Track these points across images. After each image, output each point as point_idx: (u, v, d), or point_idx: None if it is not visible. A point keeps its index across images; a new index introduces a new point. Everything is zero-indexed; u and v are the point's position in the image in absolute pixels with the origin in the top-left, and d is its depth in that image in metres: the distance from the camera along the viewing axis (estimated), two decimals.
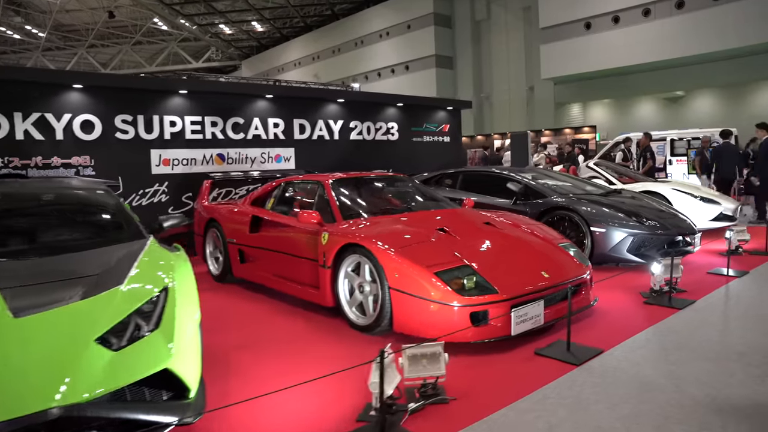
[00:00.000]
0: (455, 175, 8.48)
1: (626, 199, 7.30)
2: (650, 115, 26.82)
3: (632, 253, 6.44)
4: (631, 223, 6.47)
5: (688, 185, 9.51)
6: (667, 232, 6.56)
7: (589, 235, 6.58)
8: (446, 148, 11.87)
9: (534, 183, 7.44)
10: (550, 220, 6.95)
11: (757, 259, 7.14)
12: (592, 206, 6.72)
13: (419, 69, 30.44)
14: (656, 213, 6.90)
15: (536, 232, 5.12)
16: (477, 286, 4.07)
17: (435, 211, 5.60)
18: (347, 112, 10.37)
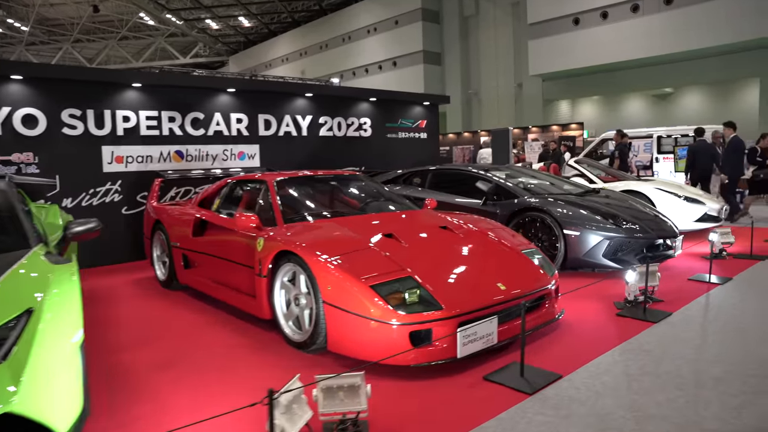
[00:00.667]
0: (425, 173, 7.97)
1: (605, 200, 6.80)
2: (639, 112, 26.39)
3: (608, 258, 5.95)
4: (607, 225, 5.98)
5: (672, 184, 9.04)
6: (647, 235, 6.07)
7: (562, 238, 6.08)
8: (423, 145, 11.36)
9: (505, 182, 6.93)
10: (522, 222, 6.45)
11: (742, 263, 6.66)
12: (567, 207, 6.22)
13: (407, 65, 29.91)
14: (636, 214, 6.41)
15: (498, 238, 4.61)
16: (421, 300, 3.56)
17: (387, 213, 5.10)
18: (316, 107, 9.84)
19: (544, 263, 4.45)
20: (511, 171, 7.98)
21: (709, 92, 24.39)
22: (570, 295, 4.88)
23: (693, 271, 6.21)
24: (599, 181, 9.10)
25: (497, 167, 8.07)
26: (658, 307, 4.87)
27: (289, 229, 4.51)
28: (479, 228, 4.74)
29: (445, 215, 5.09)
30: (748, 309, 4.79)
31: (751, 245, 7.06)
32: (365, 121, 10.44)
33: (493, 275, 4.00)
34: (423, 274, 3.74)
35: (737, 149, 10.50)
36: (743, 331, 4.18)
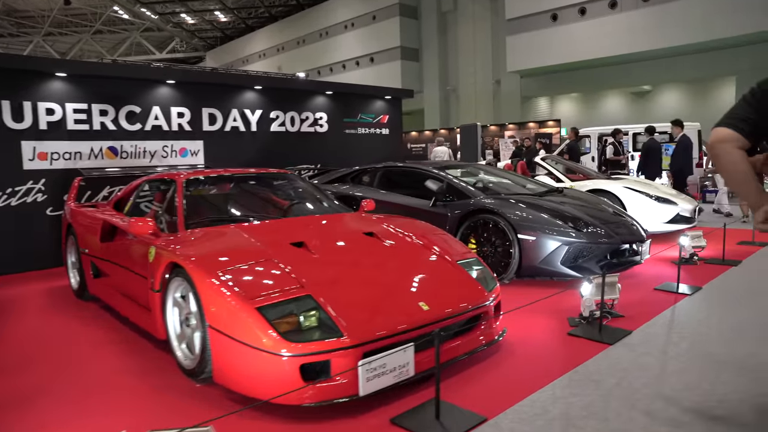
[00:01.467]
0: (374, 171, 7.32)
1: (567, 201, 6.20)
2: (617, 110, 25.97)
3: (567, 266, 5.34)
4: (566, 229, 5.37)
5: (643, 183, 8.48)
6: (610, 240, 5.47)
7: (516, 243, 5.46)
8: (385, 141, 10.71)
9: (457, 181, 6.30)
10: (473, 225, 5.83)
11: (713, 269, 6.09)
12: (523, 209, 5.60)
13: (384, 61, 29.24)
14: (599, 217, 5.81)
15: (432, 246, 3.97)
16: (320, 325, 2.92)
17: (306, 218, 4.45)
18: (267, 100, 9.15)
19: (483, 275, 3.83)
20: (470, 169, 7.37)
21: (686, 90, 24.01)
22: (521, 309, 4.26)
23: (660, 279, 5.63)
24: (567, 180, 8.51)
25: (456, 165, 7.44)
26: (618, 323, 4.27)
27: (187, 236, 3.84)
28: (412, 234, 4.10)
29: (376, 219, 4.45)
30: (716, 326, 4.20)
31: (723, 249, 6.50)
32: (321, 116, 9.77)
33: (416, 292, 3.36)
34: (326, 293, 3.09)
35: (686, 147, 10.22)
36: (710, 357, 3.58)
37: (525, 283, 5.57)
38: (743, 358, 3.52)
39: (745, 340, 3.87)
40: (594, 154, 15.09)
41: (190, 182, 4.57)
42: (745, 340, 3.87)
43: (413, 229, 4.23)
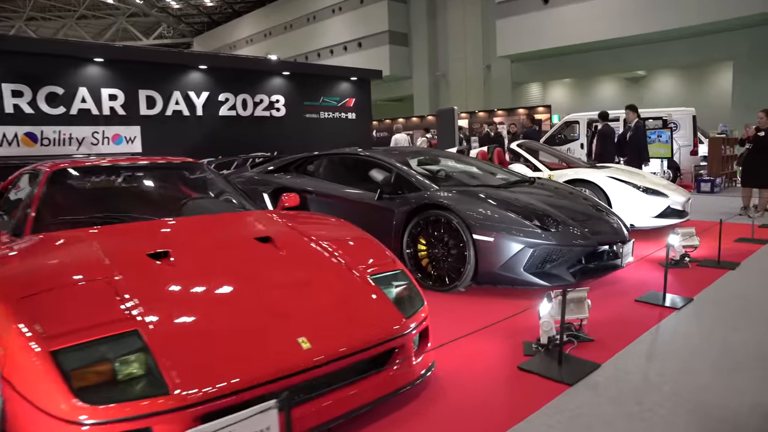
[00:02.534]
0: (320, 159, 6.37)
1: (538, 193, 5.26)
2: (611, 96, 24.95)
3: (532, 272, 4.41)
4: (531, 228, 4.43)
5: (630, 173, 7.53)
6: (586, 241, 4.54)
7: (471, 245, 4.53)
8: (352, 126, 9.74)
9: (407, 170, 5.34)
10: (423, 222, 4.89)
11: (707, 273, 5.17)
12: (480, 204, 4.66)
13: (372, 46, 28.18)
14: (574, 213, 4.88)
15: (343, 254, 3.03)
16: (147, 374, 2.02)
17: (183, 220, 3.49)
18: (215, 82, 8.18)
19: (407, 294, 2.90)
20: (432, 157, 6.42)
21: (682, 75, 23.01)
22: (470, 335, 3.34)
23: (644, 287, 4.71)
24: (545, 169, 7.57)
25: (416, 151, 6.51)
26: (585, 351, 3.36)
27: (18, 243, 2.91)
28: (321, 239, 3.16)
29: (282, 220, 3.51)
30: (709, 358, 3.28)
31: (719, 249, 5.56)
32: (278, 99, 8.80)
33: (298, 323, 2.44)
34: (165, 327, 2.18)
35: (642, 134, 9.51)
36: (700, 410, 2.66)
37: (481, 295, 4.64)
38: (744, 412, 2.61)
39: (746, 379, 2.96)
40: (583, 140, 14.12)
41: (58, 174, 3.63)
42: (747, 379, 2.96)
43: (325, 232, 3.30)
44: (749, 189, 8.53)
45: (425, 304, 2.95)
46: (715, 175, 12.37)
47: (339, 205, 5.68)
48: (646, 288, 4.68)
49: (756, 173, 8.32)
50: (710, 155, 12.56)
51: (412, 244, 4.96)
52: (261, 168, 6.75)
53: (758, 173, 8.31)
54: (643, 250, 6.15)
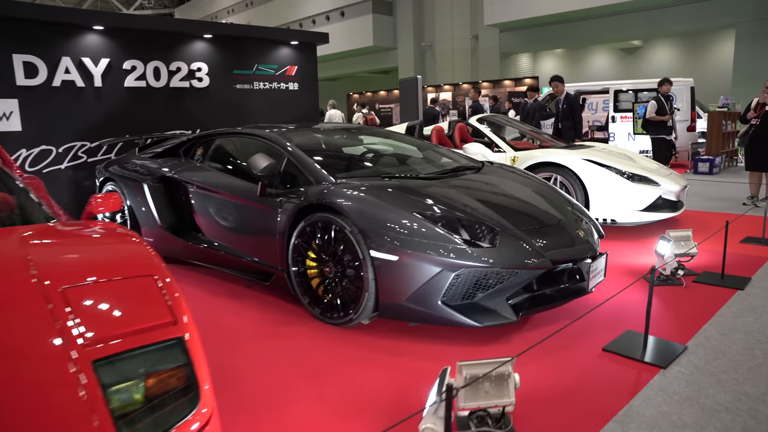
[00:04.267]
0: (210, 140, 4.89)
1: (482, 186, 3.81)
2: (605, 67, 23.29)
3: (454, 306, 2.99)
4: (451, 243, 2.98)
5: (613, 154, 6.06)
6: (536, 260, 3.08)
7: (369, 265, 3.10)
8: (293, 98, 8.22)
9: (299, 154, 3.87)
10: (309, 230, 3.45)
11: (707, 295, 3.75)
12: (386, 206, 3.20)
13: (355, 15, 26.27)
14: (526, 216, 3.44)
15: (75, 312, 1.58)
16: None
17: None
18: (118, 46, 6.63)
19: (164, 391, 1.49)
20: (358, 135, 4.96)
21: (680, 45, 21.29)
22: None
23: (619, 323, 3.29)
24: (509, 149, 6.09)
25: (333, 129, 5.04)
26: None
27: None
28: (64, 279, 1.71)
29: (19, 247, 2.05)
30: None
31: (723, 256, 4.12)
32: (200, 67, 7.26)
33: None
34: None
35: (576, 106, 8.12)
36: None
37: (381, 334, 3.23)
38: None
39: None
40: None
41: None
42: None
43: (79, 267, 1.86)
44: (758, 174, 7.04)
45: (199, 408, 1.54)
46: (714, 153, 10.88)
47: (219, 202, 4.25)
48: (622, 324, 3.26)
49: (763, 154, 6.82)
50: (709, 132, 11.04)
51: (300, 259, 3.53)
52: (150, 152, 5.29)
53: (764, 154, 6.81)
54: (624, 258, 4.72)
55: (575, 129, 7.77)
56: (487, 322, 2.96)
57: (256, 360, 2.95)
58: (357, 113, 15.50)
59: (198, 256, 4.53)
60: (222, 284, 4.31)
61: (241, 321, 3.56)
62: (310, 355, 3.00)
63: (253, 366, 2.88)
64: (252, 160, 3.72)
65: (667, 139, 8.74)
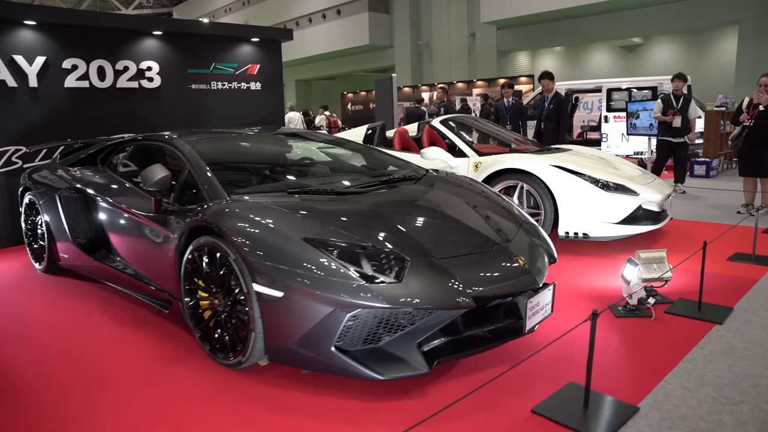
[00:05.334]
0: (124, 147, 4.33)
1: (413, 198, 3.24)
2: (604, 65, 22.59)
3: (352, 353, 2.42)
4: (345, 279, 2.40)
5: (588, 158, 5.46)
6: (456, 298, 2.48)
7: (254, 300, 2.54)
8: (256, 99, 7.66)
9: (199, 165, 3.30)
10: (197, 255, 2.89)
11: (679, 330, 3.15)
12: (276, 231, 2.64)
13: (351, 13, 25.68)
14: (455, 240, 2.86)
15: None
16: None
17: None
18: (56, 43, 6.11)
19: None
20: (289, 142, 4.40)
21: (681, 42, 20.56)
22: None
23: (563, 370, 2.69)
24: (472, 153, 5.49)
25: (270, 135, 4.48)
26: None
27: None
28: None
29: None
30: None
31: (701, 284, 3.50)
32: (150, 66, 6.72)
33: None
34: None
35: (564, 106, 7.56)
36: None
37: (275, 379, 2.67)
38: None
39: None
40: None
41: None
42: None
43: None
44: (752, 180, 6.40)
45: None
46: (711, 155, 10.22)
47: (123, 218, 3.71)
48: (566, 373, 2.66)
49: (757, 159, 6.18)
50: (707, 132, 10.38)
51: (192, 288, 2.97)
52: (69, 160, 4.75)
53: (758, 159, 6.17)
54: (591, 280, 4.13)
55: (558, 132, 7.17)
56: (391, 373, 2.38)
57: (112, 412, 2.40)
58: (319, 116, 14.92)
59: (108, 277, 3.99)
60: (131, 310, 3.76)
61: (129, 357, 3.02)
62: (181, 407, 2.45)
63: (100, 422, 2.32)
64: (145, 172, 3.17)
65: (673, 142, 7.92)
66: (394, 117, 8.47)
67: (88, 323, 3.59)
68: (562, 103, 7.25)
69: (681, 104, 7.74)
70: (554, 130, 7.18)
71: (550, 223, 4.88)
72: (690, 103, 7.78)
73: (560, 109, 7.17)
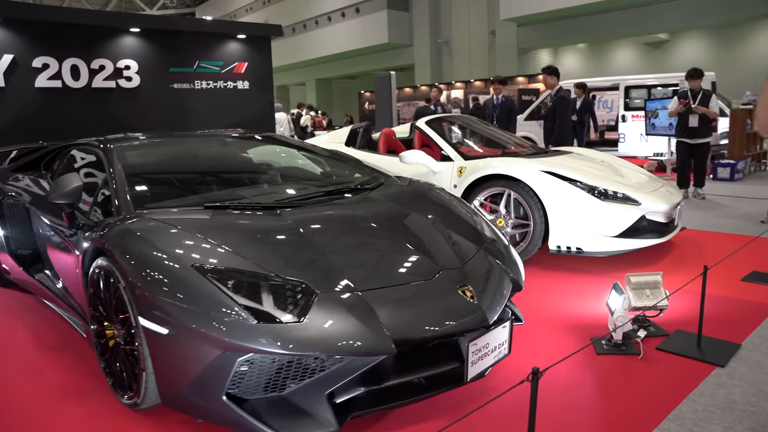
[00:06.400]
0: (65, 152, 3.96)
1: (351, 214, 2.78)
2: (629, 62, 21.68)
3: (250, 405, 1.97)
4: (236, 318, 1.94)
5: (590, 162, 4.90)
6: (365, 346, 1.98)
7: (141, 334, 2.12)
8: (244, 98, 7.27)
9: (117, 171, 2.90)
10: (97, 278, 2.49)
11: (669, 374, 2.60)
12: (157, 253, 2.20)
13: (370, 11, 25.27)
14: (386, 266, 2.39)
15: None
16: None
17: None
18: (25, 41, 5.80)
19: None
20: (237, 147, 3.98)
21: (710, 38, 19.57)
22: None
23: (513, 428, 2.20)
24: (458, 157, 4.96)
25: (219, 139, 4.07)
26: None
27: None
28: None
29: None
30: None
31: (700, 315, 2.94)
32: (128, 65, 6.38)
33: None
34: None
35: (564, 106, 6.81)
36: None
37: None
38: None
39: None
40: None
41: None
42: None
43: None
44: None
45: None
46: (737, 157, 9.47)
47: (47, 229, 3.33)
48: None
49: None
50: (732, 132, 9.62)
51: (96, 314, 2.58)
52: (14, 165, 4.41)
53: None
54: (576, 305, 3.59)
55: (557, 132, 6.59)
56: (291, 430, 1.93)
57: None
58: (305, 115, 14.56)
59: (40, 293, 3.62)
60: (61, 330, 3.39)
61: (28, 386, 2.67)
62: None
63: None
64: (57, 182, 2.78)
65: (690, 143, 7.29)
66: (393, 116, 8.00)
67: (6, 343, 3.23)
68: (561, 101, 6.66)
69: (699, 100, 7.09)
70: (551, 130, 6.61)
71: (540, 235, 4.35)
72: (711, 99, 7.12)
73: (557, 108, 6.59)
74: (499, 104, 7.76)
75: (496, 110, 7.71)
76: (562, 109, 6.57)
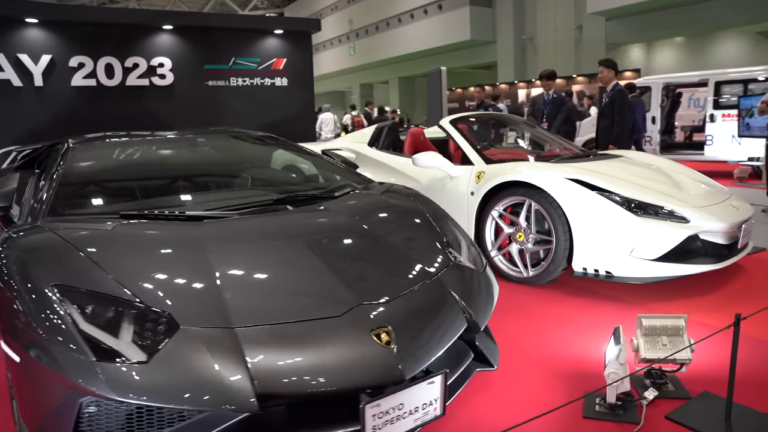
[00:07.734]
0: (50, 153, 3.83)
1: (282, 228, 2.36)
2: (736, 56, 19.52)
3: None
4: (75, 352, 1.60)
5: (637, 167, 4.17)
6: (216, 399, 1.53)
7: (6, 362, 1.84)
8: (283, 95, 7.02)
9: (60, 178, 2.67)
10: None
11: None
12: (23, 270, 1.91)
13: (452, 8, 24.59)
14: (306, 295, 1.95)
15: None
16: None
17: None
18: (62, 41, 5.87)
19: None
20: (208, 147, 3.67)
21: None
22: None
23: None
24: (479, 161, 4.37)
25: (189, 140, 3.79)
26: None
27: None
28: None
29: None
30: None
31: (730, 378, 2.24)
32: (162, 62, 6.31)
33: None
34: None
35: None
36: None
37: None
38: None
39: None
40: (656, 113, 10.18)
41: None
42: None
43: None
44: None
45: None
46: None
47: None
48: None
49: None
50: None
51: None
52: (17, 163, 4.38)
53: None
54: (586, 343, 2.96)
55: (617, 132, 5.80)
56: None
57: None
58: (346, 114, 14.46)
59: None
60: None
61: None
62: None
63: None
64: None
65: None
66: (444, 112, 7.48)
67: None
68: (618, 96, 5.86)
69: None
70: (608, 129, 5.85)
71: (563, 254, 3.69)
72: None
73: (615, 106, 5.81)
74: (549, 101, 7.01)
75: (547, 108, 6.96)
76: (620, 105, 5.77)
